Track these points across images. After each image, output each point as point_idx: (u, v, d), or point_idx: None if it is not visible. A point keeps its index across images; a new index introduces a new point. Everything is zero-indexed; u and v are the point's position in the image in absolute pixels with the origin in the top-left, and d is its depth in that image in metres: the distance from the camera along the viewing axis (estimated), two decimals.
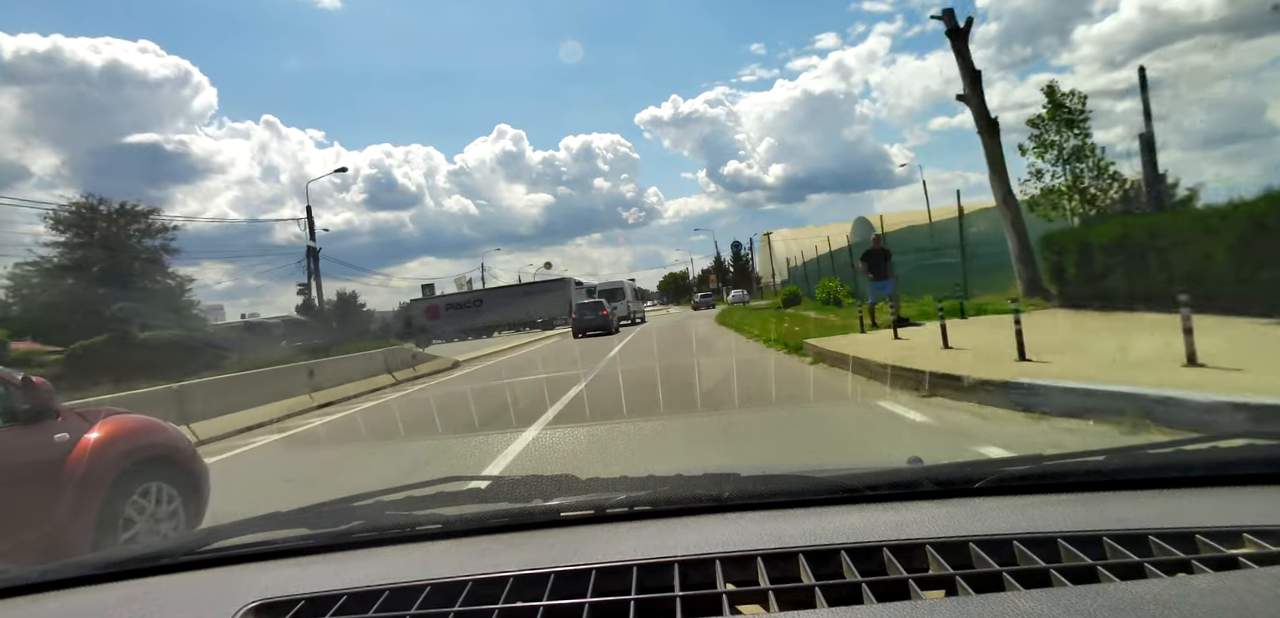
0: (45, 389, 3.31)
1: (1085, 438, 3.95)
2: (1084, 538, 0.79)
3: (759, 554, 0.82)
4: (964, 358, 6.49)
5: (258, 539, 1.09)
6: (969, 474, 1.05)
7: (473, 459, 5.16)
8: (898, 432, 4.59)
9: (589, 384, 8.96)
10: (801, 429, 5.05)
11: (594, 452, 5.03)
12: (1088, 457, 1.07)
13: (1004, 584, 0.71)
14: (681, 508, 1.04)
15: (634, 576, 0.81)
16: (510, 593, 0.80)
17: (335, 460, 6.31)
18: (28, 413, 3.22)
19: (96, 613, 0.91)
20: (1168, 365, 4.79)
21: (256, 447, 7.66)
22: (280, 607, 0.82)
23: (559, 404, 7.39)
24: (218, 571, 1.02)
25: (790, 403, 6.16)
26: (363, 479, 5.10)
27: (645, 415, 6.11)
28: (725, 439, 4.89)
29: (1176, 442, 1.17)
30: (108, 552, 1.09)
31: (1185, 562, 0.73)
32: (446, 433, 6.62)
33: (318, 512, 1.19)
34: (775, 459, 4.21)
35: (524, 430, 5.95)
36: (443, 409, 8.30)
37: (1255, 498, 0.93)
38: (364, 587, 0.83)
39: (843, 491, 1.04)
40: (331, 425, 8.66)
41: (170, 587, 0.99)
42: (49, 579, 1.03)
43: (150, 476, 3.54)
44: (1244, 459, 1.03)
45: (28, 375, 3.31)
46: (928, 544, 0.81)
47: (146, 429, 3.74)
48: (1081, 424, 4.18)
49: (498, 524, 1.06)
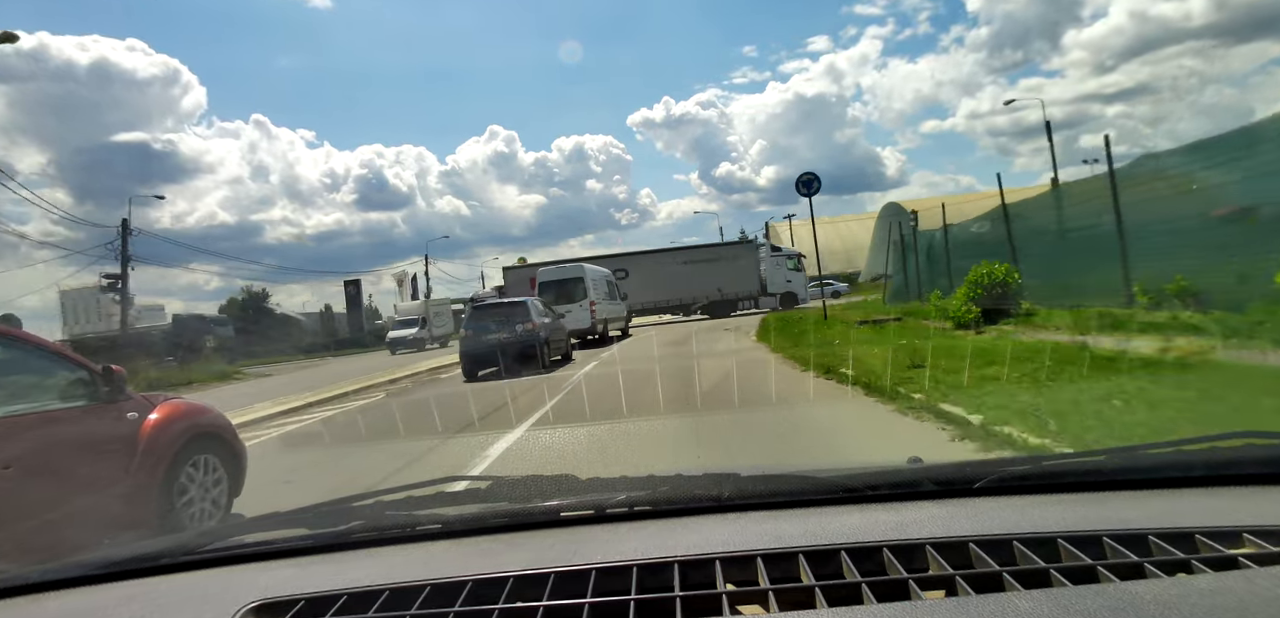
0: (121, 375, 3.84)
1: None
2: (1084, 538, 0.79)
3: (759, 554, 0.82)
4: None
5: (258, 539, 1.09)
6: (969, 475, 1.05)
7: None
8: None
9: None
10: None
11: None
12: (1087, 457, 1.07)
13: (1004, 585, 0.71)
14: (681, 508, 1.04)
15: (634, 576, 0.81)
16: (510, 593, 0.80)
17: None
18: (108, 394, 3.75)
19: (96, 613, 0.91)
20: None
21: None
22: (280, 607, 0.82)
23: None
24: (218, 571, 1.02)
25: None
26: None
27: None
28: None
29: (1176, 442, 1.17)
30: (108, 552, 1.09)
31: (1185, 562, 0.73)
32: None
33: (317, 512, 1.19)
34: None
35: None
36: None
37: (1255, 498, 0.93)
38: (364, 587, 0.83)
39: (843, 491, 1.04)
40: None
41: (170, 587, 0.99)
42: (49, 579, 1.03)
43: (201, 450, 4.12)
44: (1244, 459, 1.03)
45: (107, 365, 3.83)
46: (928, 544, 0.81)
47: (198, 410, 4.39)
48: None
49: (498, 524, 1.06)
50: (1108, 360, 5.99)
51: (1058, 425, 4.06)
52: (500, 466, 5.05)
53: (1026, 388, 5.33)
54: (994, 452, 3.96)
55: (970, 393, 5.33)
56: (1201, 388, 4.67)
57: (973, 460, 1.11)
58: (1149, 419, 4.01)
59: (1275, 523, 0.80)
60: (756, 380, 8.31)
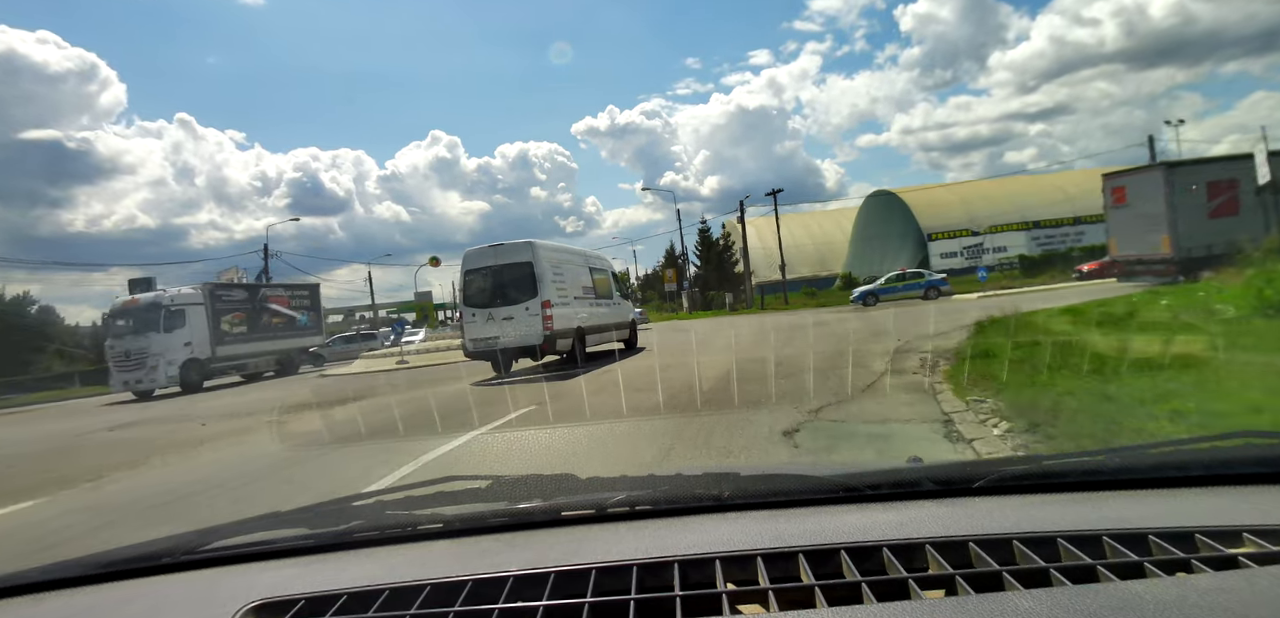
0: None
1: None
2: (1084, 538, 0.79)
3: (759, 554, 0.82)
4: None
5: (258, 539, 1.09)
6: (969, 474, 1.05)
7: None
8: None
9: None
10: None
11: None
12: (1087, 457, 1.07)
13: (1004, 584, 0.71)
14: (681, 508, 1.04)
15: (634, 575, 0.81)
16: (510, 593, 0.80)
17: None
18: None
19: (96, 613, 0.91)
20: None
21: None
22: (280, 607, 0.82)
23: None
24: (218, 570, 1.02)
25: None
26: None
27: None
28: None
29: (1176, 441, 1.17)
30: (108, 552, 1.09)
31: (1185, 561, 0.73)
32: None
33: (317, 511, 1.19)
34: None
35: None
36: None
37: (1255, 497, 0.93)
38: (364, 587, 0.83)
39: (843, 490, 1.04)
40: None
41: (170, 587, 0.99)
42: (49, 579, 1.03)
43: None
44: (1244, 458, 1.03)
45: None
46: (928, 544, 0.81)
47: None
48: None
49: (498, 524, 1.06)
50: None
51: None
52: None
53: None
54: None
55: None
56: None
57: (972, 460, 1.11)
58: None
59: (1275, 522, 0.80)
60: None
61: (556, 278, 12.53)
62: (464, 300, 12.35)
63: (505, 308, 11.97)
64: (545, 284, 12.00)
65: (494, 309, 12.02)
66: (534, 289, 11.91)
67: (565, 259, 13.60)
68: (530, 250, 12.10)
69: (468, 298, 12.28)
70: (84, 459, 7.94)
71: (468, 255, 12.46)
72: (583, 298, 13.70)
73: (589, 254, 15.55)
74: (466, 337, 12.28)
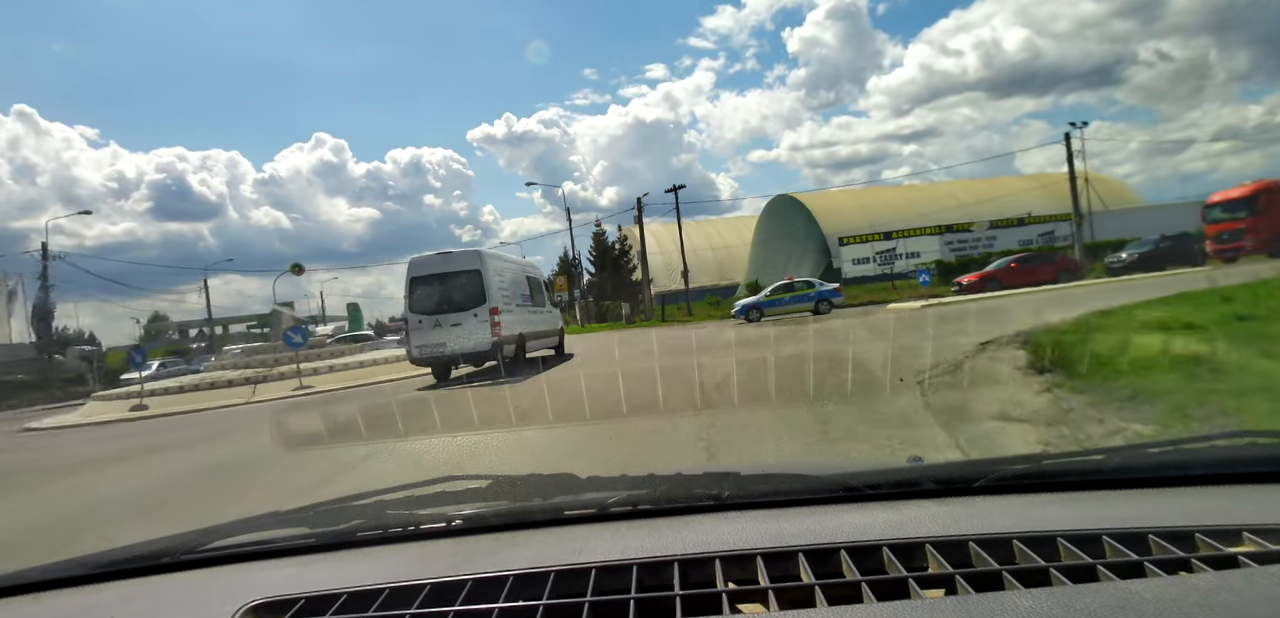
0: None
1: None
2: (1084, 537, 0.79)
3: (759, 553, 0.82)
4: None
5: (258, 538, 1.09)
6: (969, 473, 1.05)
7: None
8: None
9: None
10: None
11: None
12: (1087, 456, 1.08)
13: (1004, 583, 0.71)
14: (681, 507, 1.04)
15: (634, 574, 0.81)
16: (510, 592, 0.80)
17: None
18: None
19: (96, 613, 0.91)
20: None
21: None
22: (280, 606, 0.82)
23: None
24: (218, 570, 1.02)
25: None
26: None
27: None
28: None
29: (1176, 441, 1.17)
30: (108, 552, 1.09)
31: (1185, 561, 0.73)
32: None
33: (317, 511, 1.19)
34: None
35: None
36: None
37: (1255, 496, 0.93)
38: (364, 586, 0.83)
39: (842, 489, 1.04)
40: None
41: (170, 586, 0.99)
42: (49, 579, 1.03)
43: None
44: (1244, 458, 1.03)
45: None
46: (927, 543, 0.81)
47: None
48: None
49: (498, 523, 1.06)
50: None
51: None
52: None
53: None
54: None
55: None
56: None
57: (972, 460, 1.11)
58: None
59: (1275, 522, 0.80)
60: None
61: (501, 286, 12.69)
62: (409, 308, 12.42)
63: (453, 314, 12.05)
64: (493, 291, 12.16)
65: (442, 316, 12.07)
66: (483, 296, 12.05)
67: (507, 267, 13.89)
68: (479, 259, 12.38)
69: (413, 305, 12.33)
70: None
71: (414, 263, 12.60)
72: (522, 305, 13.89)
73: (525, 263, 16.09)
74: (412, 344, 12.28)
